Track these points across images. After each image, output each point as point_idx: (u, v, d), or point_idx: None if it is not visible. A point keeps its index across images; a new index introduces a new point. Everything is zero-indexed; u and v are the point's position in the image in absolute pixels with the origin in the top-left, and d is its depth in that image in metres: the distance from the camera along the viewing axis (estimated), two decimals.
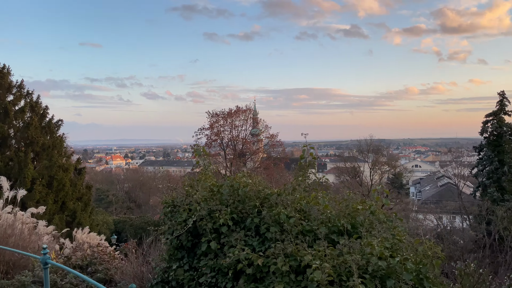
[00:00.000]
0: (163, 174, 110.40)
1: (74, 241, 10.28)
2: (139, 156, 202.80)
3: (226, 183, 5.01)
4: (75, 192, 26.86)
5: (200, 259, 4.68)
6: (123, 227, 47.91)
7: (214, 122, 52.73)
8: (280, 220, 4.24)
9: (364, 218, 4.14)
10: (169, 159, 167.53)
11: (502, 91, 38.46)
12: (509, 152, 37.17)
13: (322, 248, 3.58)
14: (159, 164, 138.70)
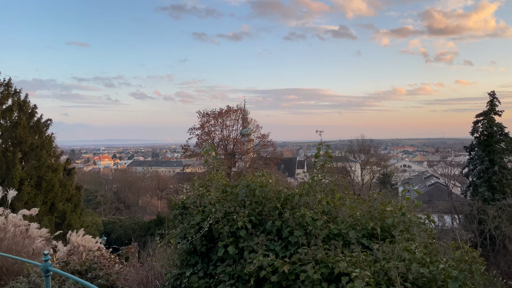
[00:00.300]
0: (152, 174, 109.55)
1: (68, 244, 9.86)
2: (127, 157, 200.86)
3: (242, 183, 4.70)
4: (64, 193, 26.29)
5: (216, 265, 4.35)
6: (112, 228, 47.27)
7: (205, 122, 52.32)
8: (304, 223, 3.95)
9: (394, 220, 3.87)
10: (158, 160, 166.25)
11: (493, 91, 38.76)
12: (500, 152, 37.46)
13: (356, 253, 3.31)
14: (148, 164, 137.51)
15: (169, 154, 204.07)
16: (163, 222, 44.74)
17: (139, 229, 46.15)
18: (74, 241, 9.73)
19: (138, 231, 45.89)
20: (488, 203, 35.13)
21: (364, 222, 3.86)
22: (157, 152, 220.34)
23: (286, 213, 4.07)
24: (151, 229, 44.40)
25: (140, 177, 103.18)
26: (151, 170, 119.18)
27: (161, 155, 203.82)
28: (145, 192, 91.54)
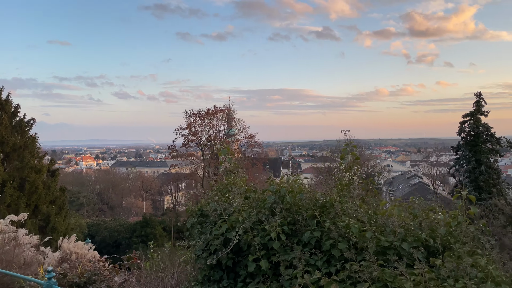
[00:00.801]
0: (136, 175, 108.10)
1: (58, 250, 9.24)
2: (110, 157, 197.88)
3: (271, 188, 4.24)
4: (48, 195, 25.38)
5: (246, 282, 3.86)
6: (97, 230, 46.24)
7: (192, 122, 51.61)
8: (347, 234, 3.52)
9: (450, 230, 3.46)
10: (142, 160, 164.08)
11: (479, 92, 39.10)
12: (486, 152, 37.78)
13: (419, 271, 2.88)
14: (132, 165, 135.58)
15: (153, 154, 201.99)
16: (149, 224, 43.95)
17: (125, 231, 45.23)
18: (65, 248, 9.12)
19: (124, 233, 44.98)
20: (476, 203, 35.42)
21: (418, 233, 3.44)
22: (141, 153, 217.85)
23: (327, 223, 3.62)
24: (137, 231, 43.55)
25: (123, 178, 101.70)
26: (135, 170, 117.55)
27: (145, 155, 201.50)
28: (129, 193, 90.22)
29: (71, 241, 9.38)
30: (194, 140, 52.16)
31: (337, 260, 3.44)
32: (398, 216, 3.66)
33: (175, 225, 46.69)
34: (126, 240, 43.71)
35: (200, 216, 4.51)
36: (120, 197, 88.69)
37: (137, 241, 42.65)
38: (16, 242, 7.79)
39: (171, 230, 45.67)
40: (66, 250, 9.13)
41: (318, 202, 3.87)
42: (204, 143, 52.84)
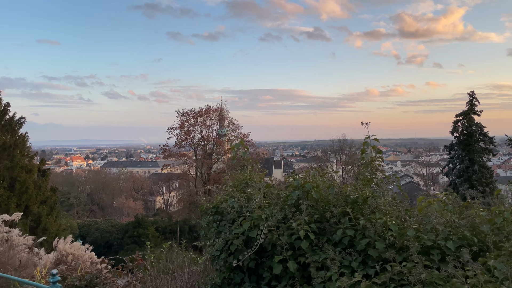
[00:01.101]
0: (126, 175, 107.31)
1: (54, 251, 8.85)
2: (100, 157, 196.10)
3: (296, 182, 3.93)
4: (39, 195, 24.83)
5: (271, 285, 3.54)
6: (88, 231, 45.62)
7: (184, 121, 51.16)
8: (383, 233, 3.23)
9: (496, 226, 3.17)
10: (133, 160, 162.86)
11: (472, 92, 39.22)
12: (479, 151, 37.92)
13: (471, 272, 2.59)
14: (122, 165, 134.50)
15: (144, 154, 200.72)
16: (141, 224, 43.39)
17: (116, 232, 44.64)
18: (61, 249, 8.73)
19: (115, 233, 44.39)
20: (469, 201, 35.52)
21: (463, 231, 3.15)
22: (132, 153, 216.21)
23: (361, 220, 3.32)
24: (129, 232, 42.97)
25: (114, 178, 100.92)
26: (125, 171, 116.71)
27: (135, 155, 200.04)
28: (120, 193, 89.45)
29: (67, 242, 9.00)
30: (186, 139, 51.72)
31: (374, 260, 3.15)
32: (438, 212, 3.37)
33: (168, 226, 46.22)
34: (118, 241, 43.15)
35: (215, 213, 4.19)
36: (111, 198, 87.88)
37: (129, 241, 42.14)
38: (10, 243, 7.40)
39: (164, 231, 45.19)
40: (62, 251, 8.74)
41: (350, 198, 3.56)
42: (197, 142, 52.41)
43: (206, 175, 51.20)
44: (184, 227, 46.27)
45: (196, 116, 51.84)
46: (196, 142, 52.41)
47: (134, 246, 41.35)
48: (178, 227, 46.13)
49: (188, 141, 52.18)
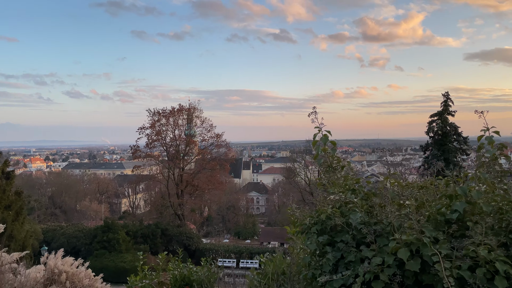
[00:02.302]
0: (90, 177, 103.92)
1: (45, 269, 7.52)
2: (61, 159, 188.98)
3: (459, 190, 2.96)
4: (3, 199, 22.90)
5: None
6: (53, 236, 43.23)
7: (156, 121, 49.42)
8: None
9: None
10: (96, 161, 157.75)
11: (447, 92, 39.79)
12: (454, 151, 38.50)
13: None
14: (85, 166, 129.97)
15: (108, 156, 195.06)
16: (111, 229, 41.32)
17: (84, 237, 42.47)
18: (52, 266, 7.42)
19: (83, 239, 42.22)
20: None
21: None
22: (95, 154, 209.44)
23: None
24: (98, 237, 40.92)
25: (77, 180, 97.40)
26: (89, 172, 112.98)
27: (98, 156, 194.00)
28: (84, 196, 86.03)
29: (58, 257, 7.69)
30: (158, 140, 49.99)
31: None
32: None
33: (139, 229, 44.36)
34: (86, 247, 41.02)
35: (320, 232, 3.07)
36: (74, 201, 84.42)
37: (98, 247, 40.12)
38: None
39: (135, 235, 43.33)
40: (53, 268, 7.44)
41: None
42: (169, 143, 50.77)
43: (179, 177, 49.63)
44: (156, 230, 44.60)
45: (168, 115, 50.23)
46: (168, 142, 50.77)
47: (104, 252, 39.37)
48: (151, 231, 44.41)
49: (159, 142, 50.45)
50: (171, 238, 45.03)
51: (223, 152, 52.69)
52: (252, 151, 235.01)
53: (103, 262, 36.35)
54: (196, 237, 47.08)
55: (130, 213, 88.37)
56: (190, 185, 49.74)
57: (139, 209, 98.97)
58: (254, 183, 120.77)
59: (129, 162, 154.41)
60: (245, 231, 74.41)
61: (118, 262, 38.18)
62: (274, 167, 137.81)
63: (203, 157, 50.66)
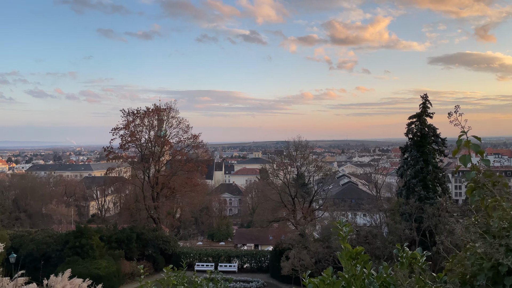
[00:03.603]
0: (56, 179, 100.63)
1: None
2: (24, 160, 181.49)
3: None
4: None
5: None
6: (21, 243, 41.01)
7: (130, 122, 47.81)
8: None
9: None
10: (62, 163, 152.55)
11: (425, 94, 40.15)
12: (433, 153, 38.94)
13: None
14: (51, 168, 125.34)
15: (74, 157, 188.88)
16: (84, 234, 39.50)
17: (55, 243, 40.47)
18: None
19: (54, 245, 40.22)
20: (424, 202, 36.24)
21: None
22: (60, 155, 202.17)
23: None
24: (70, 242, 39.05)
25: (43, 183, 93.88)
26: (55, 174, 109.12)
27: (64, 158, 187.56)
28: (50, 199, 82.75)
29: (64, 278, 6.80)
30: (132, 141, 48.37)
31: None
32: None
33: (114, 234, 42.67)
34: (57, 253, 39.12)
35: None
36: (40, 204, 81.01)
37: (70, 253, 38.32)
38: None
39: (110, 240, 41.64)
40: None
41: None
42: (144, 144, 49.23)
43: (154, 179, 48.19)
44: (132, 235, 43.07)
45: (143, 116, 48.74)
46: (143, 143, 49.24)
47: (77, 259, 37.56)
48: (126, 235, 42.81)
49: (134, 143, 48.86)
50: (147, 242, 43.60)
51: (200, 153, 51.61)
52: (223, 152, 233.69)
53: (76, 269, 34.50)
54: (173, 241, 45.81)
55: (100, 216, 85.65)
56: (166, 188, 48.39)
57: (108, 212, 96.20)
58: (227, 184, 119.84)
59: (97, 163, 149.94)
60: (219, 233, 73.43)
61: (92, 269, 36.50)
62: (246, 168, 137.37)
63: (180, 158, 49.41)
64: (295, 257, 34.16)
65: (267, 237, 60.09)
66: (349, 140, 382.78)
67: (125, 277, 39.69)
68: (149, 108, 49.01)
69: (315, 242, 37.60)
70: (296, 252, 34.48)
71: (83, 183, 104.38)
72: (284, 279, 39.89)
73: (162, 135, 50.33)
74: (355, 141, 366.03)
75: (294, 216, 48.13)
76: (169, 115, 49.01)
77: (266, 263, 44.84)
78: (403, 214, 37.16)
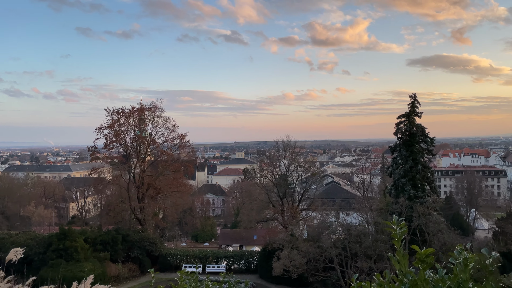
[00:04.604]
0: (34, 180, 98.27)
1: None
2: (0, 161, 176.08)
3: None
4: None
5: None
6: (1, 245, 39.52)
7: (115, 121, 46.63)
8: None
9: None
10: (39, 164, 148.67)
11: (414, 94, 40.32)
12: (421, 152, 39.15)
13: None
14: (28, 169, 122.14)
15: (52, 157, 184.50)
16: (67, 236, 38.30)
17: (37, 246, 39.14)
18: None
19: (36, 248, 38.88)
20: (413, 201, 36.38)
21: None
22: (37, 156, 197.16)
23: None
24: (53, 245, 37.80)
25: (20, 184, 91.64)
26: (33, 175, 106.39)
27: (42, 158, 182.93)
28: (28, 200, 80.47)
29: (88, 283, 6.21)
30: (117, 140, 47.21)
31: None
32: None
33: (99, 236, 41.53)
34: (40, 256, 37.82)
35: None
36: (18, 206, 78.66)
37: (53, 256, 37.09)
38: None
39: (94, 242, 40.48)
40: None
41: None
42: (129, 144, 48.09)
43: (140, 179, 47.15)
44: (117, 236, 41.99)
45: (128, 115, 47.62)
46: (128, 143, 48.11)
47: (60, 261, 36.34)
48: (111, 237, 41.73)
49: (118, 142, 47.70)
50: (133, 244, 42.59)
51: (186, 153, 50.77)
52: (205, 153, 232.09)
53: (60, 273, 33.43)
54: (159, 242, 44.90)
55: (80, 218, 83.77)
56: (152, 188, 47.39)
57: (89, 214, 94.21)
58: (210, 185, 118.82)
59: (77, 164, 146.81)
60: (203, 234, 72.58)
61: (76, 272, 35.35)
62: (229, 169, 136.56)
63: (166, 158, 48.46)
64: (287, 258, 33.77)
65: (252, 238, 59.63)
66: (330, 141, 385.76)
67: (111, 280, 38.65)
68: (134, 107, 47.96)
69: (306, 242, 37.29)
70: (287, 252, 34.09)
71: (62, 184, 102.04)
72: (273, 280, 39.49)
73: (148, 135, 49.34)
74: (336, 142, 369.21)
75: (282, 216, 47.81)
76: (155, 114, 48.01)
77: (255, 263, 44.37)
78: (393, 213, 37.24)
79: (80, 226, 53.44)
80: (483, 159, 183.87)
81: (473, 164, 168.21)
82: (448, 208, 70.66)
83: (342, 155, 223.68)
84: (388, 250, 34.77)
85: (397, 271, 3.93)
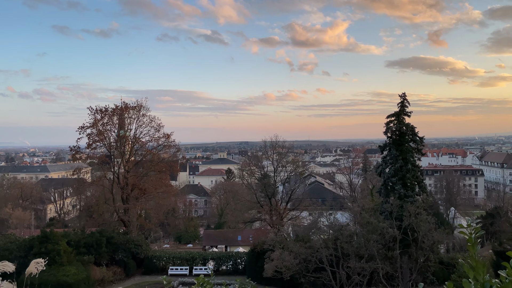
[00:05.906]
0: (10, 182, 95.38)
1: None
2: None
3: None
4: None
5: None
6: None
7: (98, 120, 45.21)
8: None
9: None
10: (15, 165, 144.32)
11: (403, 93, 40.26)
12: (411, 151, 39.12)
13: None
14: (4, 170, 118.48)
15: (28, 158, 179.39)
16: (49, 239, 36.80)
17: (18, 249, 37.55)
18: None
19: (16, 251, 37.30)
20: (404, 200, 36.31)
21: None
22: (13, 156, 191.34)
23: None
24: (35, 248, 36.25)
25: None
26: (8, 176, 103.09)
27: (17, 159, 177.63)
28: (5, 202, 77.82)
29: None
30: (100, 140, 45.77)
31: None
32: None
33: (82, 238, 40.09)
34: (21, 260, 36.07)
35: None
36: None
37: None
38: None
39: (78, 245, 39.04)
40: None
41: None
42: (113, 143, 46.70)
43: (124, 179, 45.84)
44: (101, 239, 40.62)
45: (111, 114, 46.25)
46: (112, 143, 46.71)
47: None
48: (95, 240, 40.37)
49: (102, 142, 46.26)
50: (118, 246, 41.30)
51: (172, 152, 49.67)
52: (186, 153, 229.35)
53: (42, 277, 31.97)
54: (145, 245, 43.67)
55: (59, 219, 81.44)
56: (137, 189, 46.13)
57: (68, 215, 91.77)
58: (192, 185, 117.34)
59: (55, 165, 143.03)
60: (186, 235, 71.38)
61: (60, 276, 34.09)
62: (212, 169, 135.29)
63: (151, 158, 47.26)
64: (279, 258, 33.19)
65: (236, 238, 58.85)
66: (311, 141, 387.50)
67: (95, 284, 37.38)
68: (118, 106, 46.60)
69: (296, 242, 36.79)
70: (279, 253, 33.51)
71: (39, 185, 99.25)
72: (263, 281, 38.77)
73: (133, 134, 48.04)
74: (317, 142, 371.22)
75: (270, 216, 47.23)
76: (139, 112, 46.72)
77: (242, 265, 43.63)
78: (383, 213, 37.14)
79: (60, 228, 51.71)
80: (460, 159, 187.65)
81: (451, 163, 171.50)
82: (429, 207, 71.32)
83: (323, 155, 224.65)
84: (380, 250, 34.66)
85: (470, 279, 3.32)
